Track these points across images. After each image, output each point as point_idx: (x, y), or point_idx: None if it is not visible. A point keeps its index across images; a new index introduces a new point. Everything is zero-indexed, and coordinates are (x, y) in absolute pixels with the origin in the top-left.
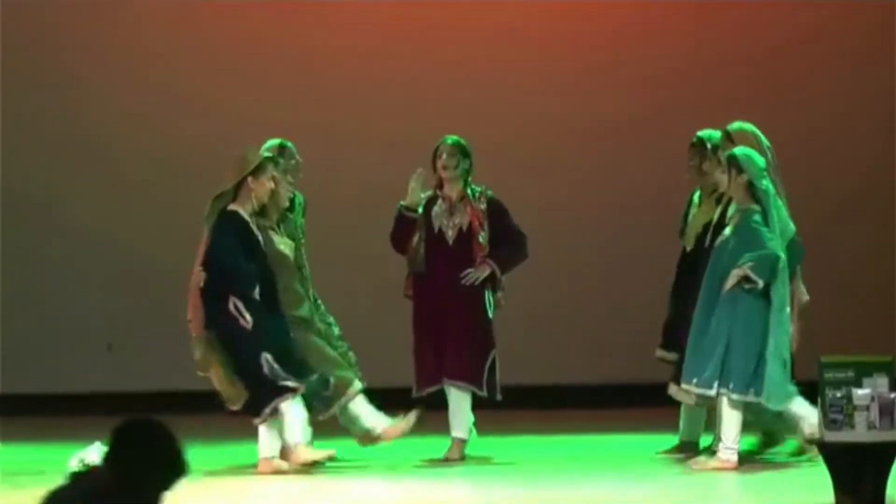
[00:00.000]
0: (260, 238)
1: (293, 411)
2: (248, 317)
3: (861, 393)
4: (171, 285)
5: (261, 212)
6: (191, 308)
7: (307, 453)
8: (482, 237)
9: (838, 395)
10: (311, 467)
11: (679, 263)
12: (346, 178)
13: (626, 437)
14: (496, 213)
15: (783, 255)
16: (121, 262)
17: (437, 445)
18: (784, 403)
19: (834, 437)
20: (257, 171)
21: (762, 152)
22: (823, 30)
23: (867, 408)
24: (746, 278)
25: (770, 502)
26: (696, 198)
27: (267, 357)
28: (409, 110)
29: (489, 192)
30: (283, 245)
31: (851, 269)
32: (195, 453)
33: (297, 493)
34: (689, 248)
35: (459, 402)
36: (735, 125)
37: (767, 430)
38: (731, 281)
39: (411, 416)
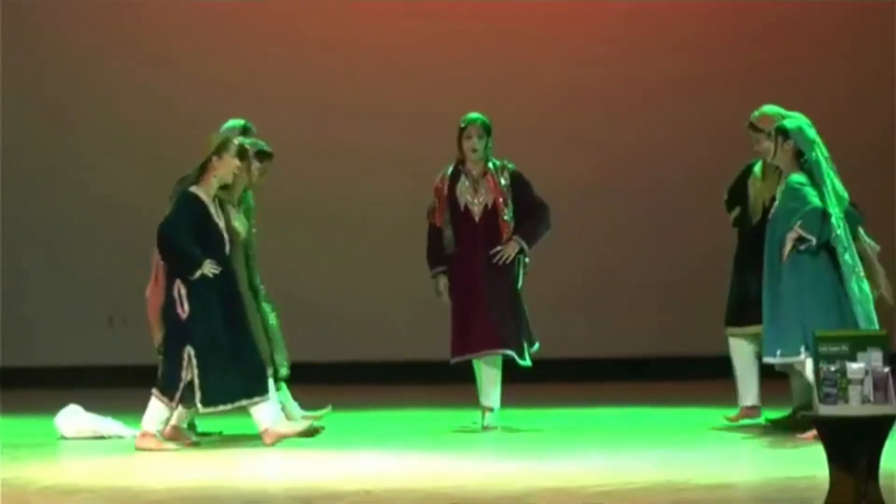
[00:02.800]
0: (220, 222)
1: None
2: (185, 306)
3: (855, 367)
4: None
5: (224, 187)
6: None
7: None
8: (507, 214)
9: (832, 369)
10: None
11: (741, 237)
12: (372, 158)
13: (642, 410)
14: (519, 185)
15: (834, 214)
16: (121, 236)
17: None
18: None
19: (828, 410)
20: (220, 149)
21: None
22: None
23: (861, 382)
24: (800, 238)
25: (765, 475)
26: (757, 170)
27: (190, 352)
28: (434, 81)
29: (510, 165)
30: (238, 222)
31: None
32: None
33: (296, 465)
34: (755, 221)
35: (491, 374)
36: (757, 112)
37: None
38: (787, 245)
39: (304, 424)
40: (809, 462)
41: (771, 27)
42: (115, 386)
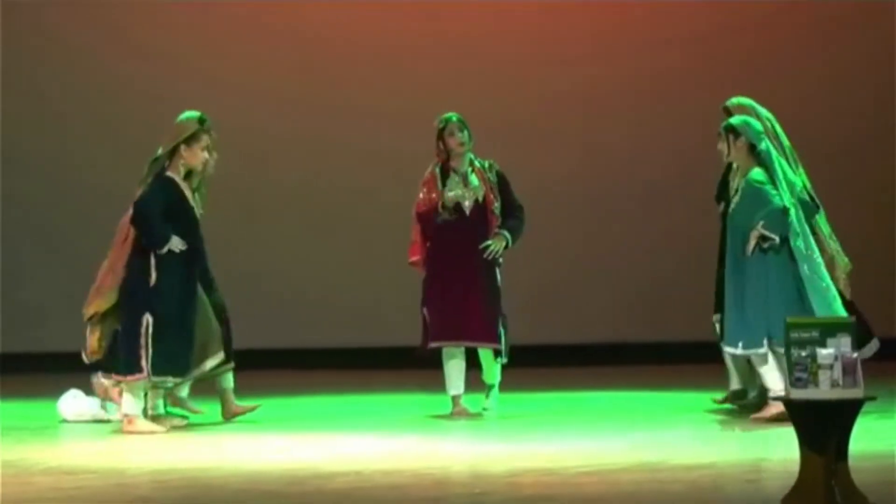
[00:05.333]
0: (193, 204)
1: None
2: (153, 275)
3: (825, 352)
4: None
5: (187, 175)
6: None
7: (145, 425)
8: (496, 208)
9: (803, 354)
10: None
11: (723, 234)
12: (361, 149)
13: (621, 394)
14: (504, 185)
15: (791, 207)
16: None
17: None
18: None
19: (799, 394)
20: (191, 139)
21: (761, 122)
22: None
23: (831, 367)
24: (763, 237)
25: (739, 455)
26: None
27: (148, 319)
28: (417, 83)
29: (496, 166)
30: (197, 210)
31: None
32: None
33: (289, 446)
34: None
35: (461, 364)
36: (733, 100)
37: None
38: (750, 243)
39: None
40: (781, 443)
41: (756, 26)
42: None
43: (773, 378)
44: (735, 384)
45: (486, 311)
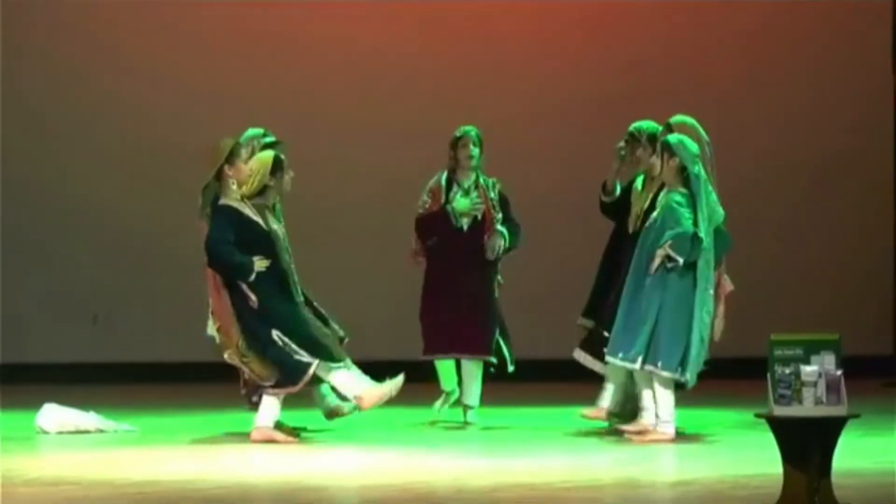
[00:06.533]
0: (260, 220)
1: (338, 374)
2: (253, 297)
3: (809, 370)
4: (155, 261)
5: (262, 192)
6: (212, 300)
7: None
8: (497, 222)
9: (787, 371)
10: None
11: (612, 240)
12: (345, 163)
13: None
14: (504, 204)
15: (703, 235)
16: (104, 236)
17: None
18: (693, 383)
19: (783, 411)
20: (231, 157)
21: (700, 144)
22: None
23: (815, 384)
24: (668, 257)
25: (721, 472)
26: (638, 183)
27: (278, 334)
28: (405, 98)
29: (499, 185)
30: (276, 225)
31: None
32: (178, 421)
33: (277, 459)
34: (630, 231)
35: (474, 373)
36: (677, 118)
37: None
38: (655, 261)
39: (396, 380)
40: (764, 460)
41: (741, 43)
42: (99, 382)
43: (663, 400)
44: (608, 400)
45: (480, 323)
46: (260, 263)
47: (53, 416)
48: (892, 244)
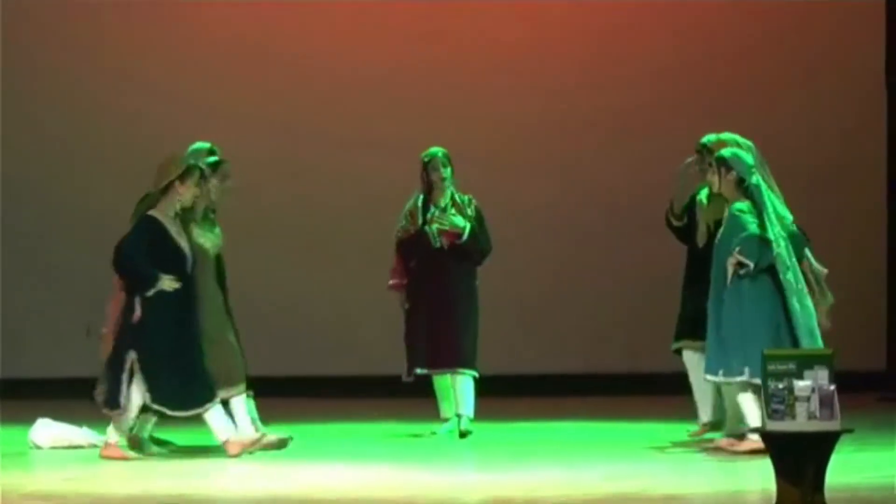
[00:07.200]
0: (180, 242)
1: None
2: (138, 312)
3: (802, 384)
4: None
5: (185, 208)
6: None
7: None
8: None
9: (780, 386)
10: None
11: (689, 260)
12: (330, 176)
13: (599, 424)
14: (479, 220)
15: (772, 238)
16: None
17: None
18: None
19: (776, 426)
20: (185, 176)
21: (752, 154)
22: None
23: (808, 399)
24: (739, 263)
25: (716, 487)
26: (703, 196)
27: (133, 357)
28: (394, 113)
29: (475, 201)
30: (203, 238)
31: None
32: (170, 436)
33: (264, 475)
34: (700, 245)
35: (466, 386)
36: (711, 137)
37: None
38: (729, 272)
39: (268, 438)
40: (758, 475)
41: (733, 59)
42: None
43: (750, 409)
44: (706, 416)
45: (461, 338)
46: (169, 283)
47: (46, 431)
48: (885, 258)
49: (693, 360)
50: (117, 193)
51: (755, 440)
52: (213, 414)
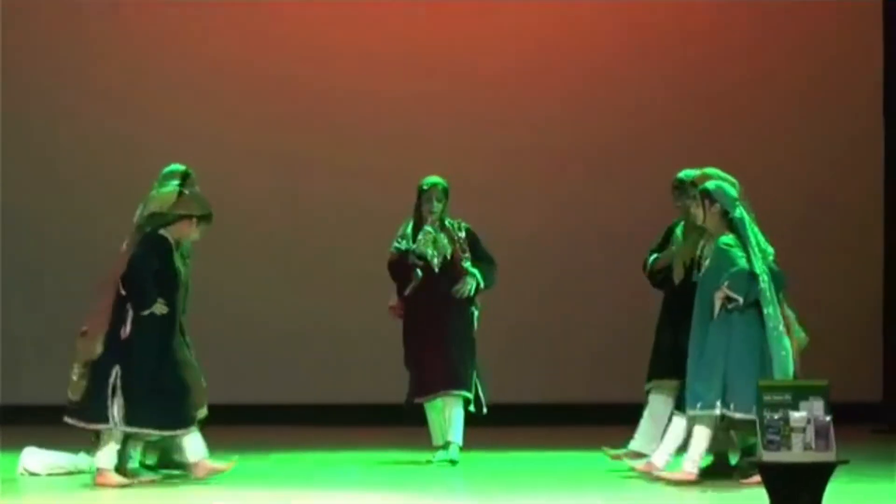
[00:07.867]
0: (181, 267)
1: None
2: (128, 329)
3: (797, 415)
4: None
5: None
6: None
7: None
8: (465, 261)
9: (776, 416)
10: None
11: (666, 296)
12: (316, 200)
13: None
14: (473, 240)
15: (759, 272)
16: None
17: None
18: None
19: (771, 457)
20: (202, 219)
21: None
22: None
23: (803, 430)
24: (728, 298)
25: None
26: (679, 232)
27: (117, 371)
28: (389, 143)
29: (465, 224)
30: (183, 267)
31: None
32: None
33: (266, 499)
34: (677, 282)
35: (455, 410)
36: (690, 172)
37: (746, 447)
38: (716, 305)
39: (229, 463)
40: None
41: (716, 94)
42: None
43: (698, 443)
44: (638, 446)
45: (457, 360)
46: (160, 307)
47: (39, 458)
48: (881, 289)
49: (657, 398)
50: (116, 221)
51: (689, 471)
52: (191, 435)
